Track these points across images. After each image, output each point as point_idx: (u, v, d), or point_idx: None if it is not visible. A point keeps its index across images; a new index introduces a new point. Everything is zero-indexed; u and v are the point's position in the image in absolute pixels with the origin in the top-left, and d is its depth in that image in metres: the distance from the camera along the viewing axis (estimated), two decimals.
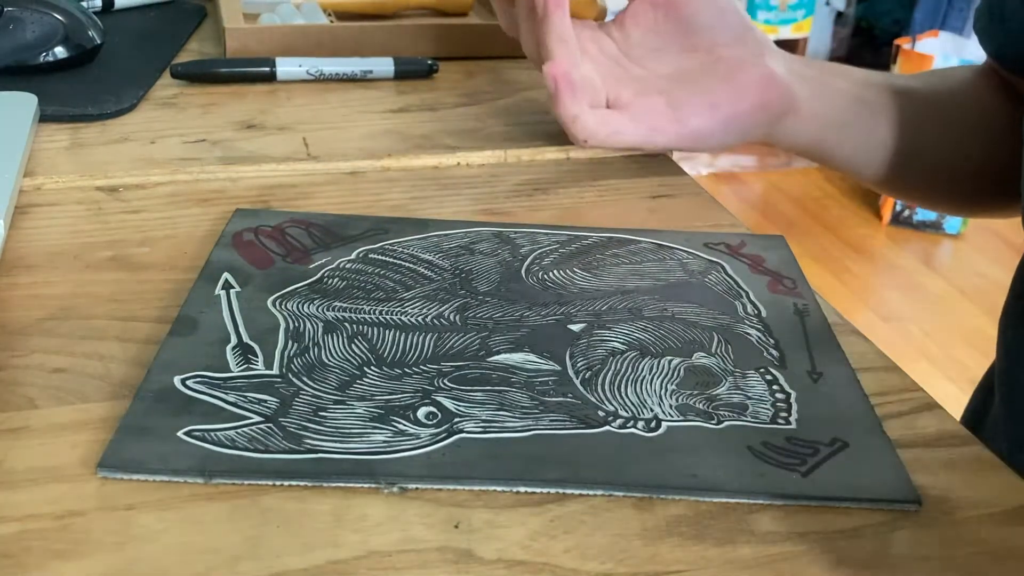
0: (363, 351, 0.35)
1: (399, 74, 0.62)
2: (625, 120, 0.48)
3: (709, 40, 0.50)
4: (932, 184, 0.59)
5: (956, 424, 0.34)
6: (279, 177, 0.49)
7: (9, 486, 0.29)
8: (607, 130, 0.48)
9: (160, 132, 0.53)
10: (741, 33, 0.50)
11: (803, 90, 0.51)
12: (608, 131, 0.48)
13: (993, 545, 0.29)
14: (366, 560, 0.27)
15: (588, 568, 0.27)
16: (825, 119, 0.52)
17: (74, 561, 0.26)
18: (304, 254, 0.41)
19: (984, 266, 2.33)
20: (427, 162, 0.51)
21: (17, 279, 0.39)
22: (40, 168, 0.48)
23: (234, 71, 0.60)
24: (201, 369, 0.33)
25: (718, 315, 0.38)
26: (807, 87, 0.51)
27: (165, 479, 0.29)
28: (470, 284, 0.39)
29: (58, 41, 0.59)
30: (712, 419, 0.33)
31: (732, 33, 0.50)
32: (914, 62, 2.56)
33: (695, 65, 0.50)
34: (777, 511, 0.29)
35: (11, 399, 0.32)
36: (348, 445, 0.30)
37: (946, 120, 0.57)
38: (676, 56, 0.50)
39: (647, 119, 0.48)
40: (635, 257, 0.42)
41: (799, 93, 0.51)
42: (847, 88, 0.54)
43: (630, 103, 0.48)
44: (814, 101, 0.51)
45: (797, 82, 0.51)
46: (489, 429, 0.31)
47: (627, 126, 0.48)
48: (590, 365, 0.35)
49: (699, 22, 0.49)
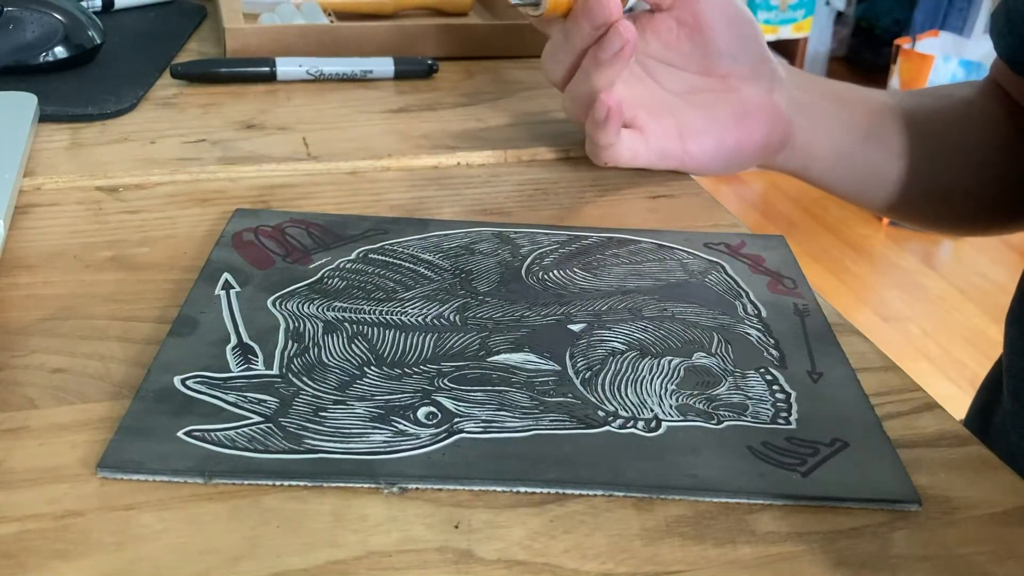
0: (363, 351, 0.35)
1: (399, 74, 0.62)
2: (641, 143, 0.49)
3: (725, 68, 0.50)
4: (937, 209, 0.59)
5: (956, 424, 0.34)
6: (279, 177, 0.49)
7: (9, 486, 0.29)
8: (629, 155, 0.49)
9: (160, 132, 0.53)
10: (757, 64, 0.50)
11: (801, 121, 0.52)
12: (629, 156, 0.49)
13: (993, 545, 0.29)
14: (366, 560, 0.27)
15: (588, 568, 0.27)
16: (818, 150, 0.54)
17: (74, 561, 0.26)
18: (304, 254, 0.41)
19: (984, 266, 2.33)
20: (427, 162, 0.51)
21: (17, 279, 0.39)
22: (40, 168, 0.48)
23: (234, 71, 0.60)
24: (201, 369, 0.33)
25: (718, 315, 0.38)
26: (806, 118, 0.52)
27: (165, 479, 0.29)
28: (470, 284, 0.39)
29: (58, 41, 0.59)
30: (712, 419, 0.33)
31: (749, 64, 0.50)
32: (914, 62, 2.56)
33: (707, 89, 0.50)
34: (777, 511, 0.29)
35: (11, 399, 0.32)
36: (348, 445, 0.30)
37: (950, 145, 0.57)
38: (690, 77, 0.50)
39: (659, 144, 0.49)
40: (635, 257, 0.42)
41: (797, 125, 0.52)
42: (847, 118, 0.54)
43: (645, 126, 0.49)
44: (808, 134, 0.53)
45: (798, 114, 0.52)
46: (489, 429, 0.31)
47: (642, 149, 0.49)
48: (590, 365, 0.35)
49: (719, 48, 0.49)
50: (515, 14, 0.71)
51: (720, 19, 0.49)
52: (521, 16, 0.70)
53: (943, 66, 2.53)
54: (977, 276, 2.29)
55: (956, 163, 0.57)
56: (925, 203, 0.59)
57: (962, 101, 0.59)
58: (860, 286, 2.25)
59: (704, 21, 0.49)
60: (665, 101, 0.50)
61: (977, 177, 0.58)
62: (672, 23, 0.49)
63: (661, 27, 0.49)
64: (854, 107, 0.55)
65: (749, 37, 0.50)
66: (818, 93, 0.54)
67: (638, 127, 0.49)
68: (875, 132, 0.55)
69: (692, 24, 0.49)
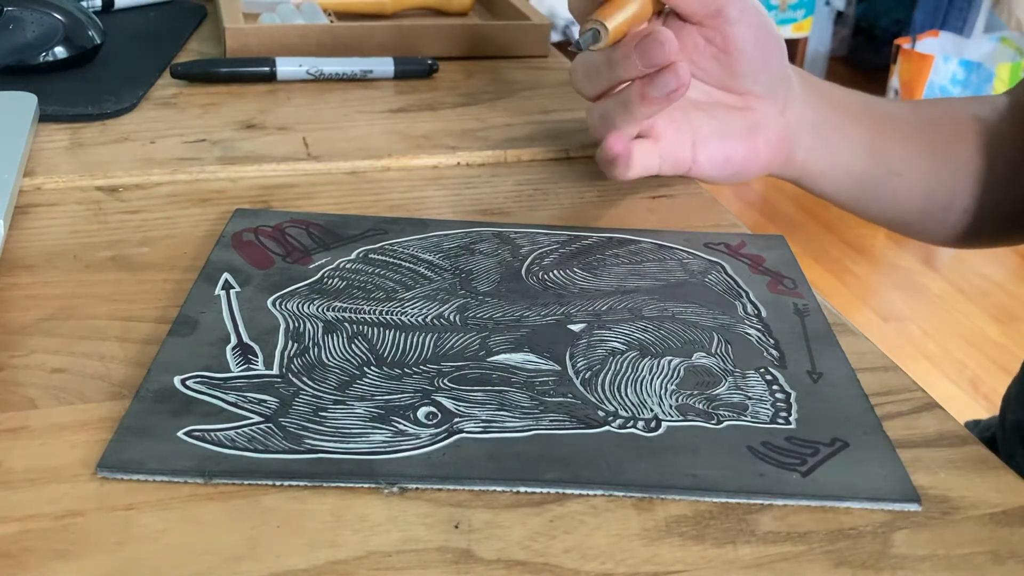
0: (363, 351, 0.35)
1: (399, 74, 0.62)
2: (653, 157, 0.48)
3: (745, 88, 0.49)
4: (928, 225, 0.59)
5: (956, 424, 0.34)
6: (279, 177, 0.49)
7: (9, 486, 0.29)
8: (640, 171, 0.48)
9: (160, 132, 0.53)
10: (775, 85, 0.50)
11: (804, 139, 0.52)
12: (641, 168, 0.48)
13: (993, 545, 0.29)
14: (366, 560, 0.27)
15: (588, 568, 0.27)
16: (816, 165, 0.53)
17: (74, 561, 0.26)
18: (304, 254, 0.41)
19: (984, 266, 2.33)
20: (427, 162, 0.51)
21: (17, 279, 0.39)
22: (40, 168, 0.48)
23: (234, 71, 0.60)
24: (201, 369, 0.33)
25: (718, 315, 0.38)
26: (811, 136, 0.52)
27: (165, 479, 0.29)
28: (470, 284, 0.39)
29: (58, 41, 0.59)
30: (712, 419, 0.33)
31: (767, 85, 0.50)
32: (914, 62, 2.56)
33: (724, 104, 0.49)
34: (777, 511, 0.29)
35: (11, 399, 0.32)
36: (348, 445, 0.30)
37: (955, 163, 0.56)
38: (709, 89, 0.49)
39: (671, 152, 0.49)
40: (635, 257, 0.42)
41: (799, 144, 0.52)
42: (853, 134, 0.54)
43: (662, 134, 0.48)
44: (809, 152, 0.52)
45: (803, 132, 0.52)
46: (489, 429, 0.31)
47: (655, 160, 0.48)
48: (590, 365, 0.35)
49: (742, 70, 0.48)
50: (515, 14, 0.71)
51: (749, 45, 0.48)
52: (521, 16, 0.70)
53: (943, 66, 2.53)
54: (977, 276, 2.29)
55: (959, 181, 0.56)
56: (921, 218, 0.58)
57: (976, 118, 0.58)
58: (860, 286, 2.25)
59: (733, 46, 0.48)
60: (684, 109, 0.49)
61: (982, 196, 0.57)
62: (700, 39, 0.48)
63: (688, 40, 0.48)
64: (862, 122, 0.55)
65: (773, 60, 0.49)
66: (827, 108, 0.53)
67: (654, 135, 0.48)
68: (879, 148, 0.55)
69: (720, 45, 0.48)
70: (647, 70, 0.44)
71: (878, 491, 0.30)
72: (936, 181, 0.57)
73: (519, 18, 0.70)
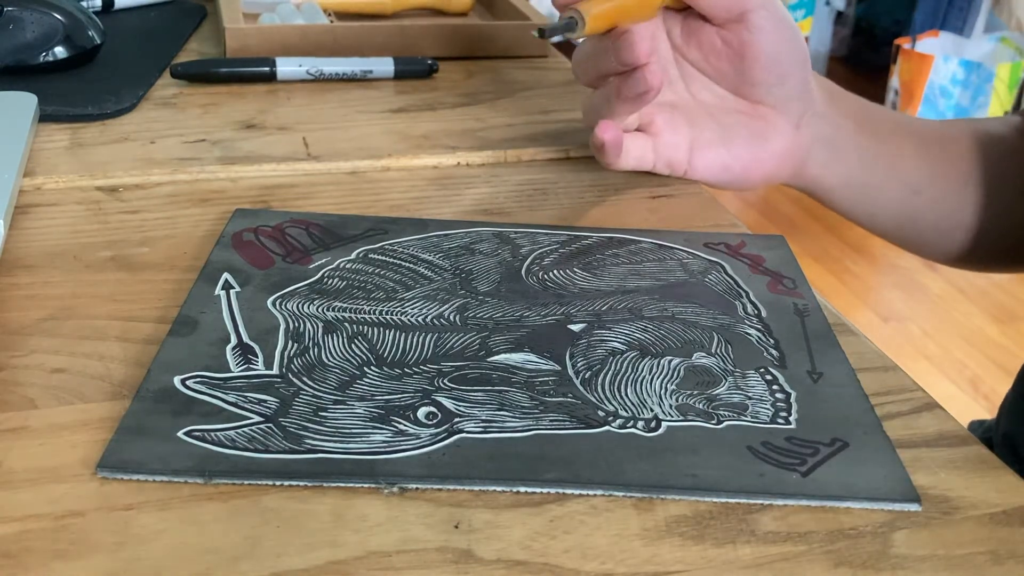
0: (363, 351, 0.35)
1: (399, 74, 0.62)
2: (649, 149, 0.48)
3: (757, 96, 0.49)
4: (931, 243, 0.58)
5: (956, 424, 0.34)
6: (279, 177, 0.49)
7: (9, 486, 0.29)
8: (634, 163, 0.48)
9: (160, 132, 0.53)
10: (790, 100, 0.49)
11: (819, 156, 0.51)
12: (634, 163, 0.48)
13: (993, 545, 0.29)
14: (366, 560, 0.27)
15: (588, 568, 0.27)
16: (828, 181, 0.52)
17: (74, 561, 0.26)
18: (304, 254, 0.41)
19: None
20: (427, 162, 0.51)
21: (17, 279, 0.39)
22: (40, 168, 0.48)
23: (234, 71, 0.60)
24: (201, 369, 0.33)
25: (718, 315, 0.38)
26: (826, 152, 0.51)
27: (165, 479, 0.29)
28: (470, 284, 0.39)
29: (58, 41, 0.59)
30: (712, 419, 0.33)
31: (782, 99, 0.49)
32: (914, 62, 2.56)
33: (734, 109, 0.49)
34: (777, 511, 0.29)
35: (11, 399, 0.32)
36: (348, 445, 0.30)
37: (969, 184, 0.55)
38: (720, 94, 0.49)
39: (667, 154, 0.48)
40: (635, 257, 0.42)
41: (813, 160, 0.51)
42: (870, 151, 0.53)
43: (659, 133, 0.48)
44: (822, 168, 0.51)
45: (819, 149, 0.51)
46: (489, 429, 0.31)
47: (649, 155, 0.48)
48: (590, 365, 0.35)
49: (756, 78, 0.48)
50: (515, 14, 0.71)
51: (767, 53, 0.47)
52: (521, 16, 0.70)
53: (943, 66, 2.53)
54: (977, 276, 2.29)
55: (980, 202, 0.56)
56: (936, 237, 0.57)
57: (997, 139, 0.57)
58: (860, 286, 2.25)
59: (750, 53, 0.47)
60: (687, 109, 0.49)
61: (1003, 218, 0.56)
62: (718, 40, 0.47)
63: (706, 39, 0.48)
64: (886, 140, 0.53)
65: (792, 77, 0.48)
66: (851, 126, 0.52)
67: (652, 132, 0.48)
68: (895, 166, 0.54)
69: (737, 49, 0.47)
70: (621, 68, 0.44)
71: (878, 491, 0.30)
72: (956, 201, 0.56)
73: (519, 18, 0.70)
